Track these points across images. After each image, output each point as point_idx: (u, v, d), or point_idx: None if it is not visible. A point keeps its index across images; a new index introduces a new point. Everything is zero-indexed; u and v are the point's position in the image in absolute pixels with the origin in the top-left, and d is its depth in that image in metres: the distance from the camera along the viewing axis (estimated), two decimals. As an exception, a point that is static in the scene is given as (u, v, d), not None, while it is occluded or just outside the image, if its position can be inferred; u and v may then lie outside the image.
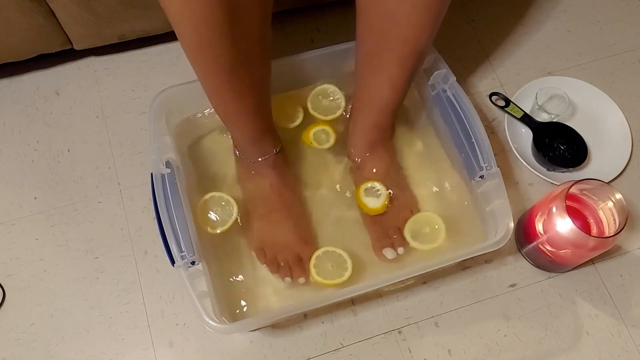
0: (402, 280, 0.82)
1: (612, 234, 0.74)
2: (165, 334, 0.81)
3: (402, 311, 0.82)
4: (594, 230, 0.79)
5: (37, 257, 0.85)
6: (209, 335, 0.80)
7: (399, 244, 0.82)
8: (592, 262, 0.86)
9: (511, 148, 0.91)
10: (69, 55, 0.97)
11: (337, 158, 0.89)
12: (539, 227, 0.79)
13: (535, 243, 0.81)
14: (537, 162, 0.91)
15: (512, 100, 0.94)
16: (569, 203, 0.80)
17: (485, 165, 0.77)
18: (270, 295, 0.81)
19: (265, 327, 0.81)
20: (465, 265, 0.85)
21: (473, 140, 0.78)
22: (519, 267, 0.86)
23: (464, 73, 0.99)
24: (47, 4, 0.81)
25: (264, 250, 0.81)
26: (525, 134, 0.93)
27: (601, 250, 0.77)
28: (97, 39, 0.91)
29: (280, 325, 0.81)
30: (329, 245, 0.81)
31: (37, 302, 0.82)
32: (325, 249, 0.80)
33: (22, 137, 0.92)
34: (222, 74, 0.64)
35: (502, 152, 0.93)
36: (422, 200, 0.87)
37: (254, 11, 0.59)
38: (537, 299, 0.84)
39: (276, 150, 0.82)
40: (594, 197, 0.79)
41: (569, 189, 0.74)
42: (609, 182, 0.88)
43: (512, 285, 0.84)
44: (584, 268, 0.86)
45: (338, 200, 0.87)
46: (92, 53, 0.98)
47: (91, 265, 0.84)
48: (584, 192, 0.79)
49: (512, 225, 0.73)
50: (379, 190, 0.84)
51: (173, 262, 0.69)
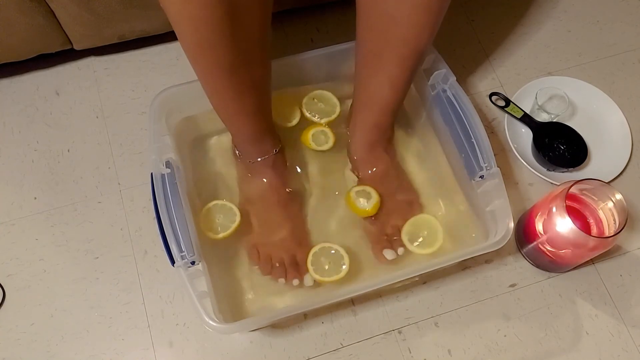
0: (402, 280, 0.82)
1: (612, 234, 0.74)
2: (165, 334, 0.81)
3: (402, 311, 0.82)
4: (594, 230, 0.79)
5: (37, 257, 0.85)
6: (209, 335, 0.80)
7: (399, 244, 0.82)
8: (592, 262, 0.86)
9: (511, 148, 0.91)
10: (69, 55, 0.97)
11: (336, 158, 0.89)
12: (539, 227, 0.79)
13: (535, 243, 0.81)
14: (537, 162, 0.91)
15: (512, 100, 0.94)
16: (569, 203, 0.80)
17: (485, 165, 0.77)
18: (270, 296, 0.81)
19: (265, 327, 0.81)
20: (465, 265, 0.85)
21: (473, 140, 0.78)
22: (519, 267, 0.86)
23: (464, 73, 0.99)
24: (47, 4, 0.81)
25: (257, 250, 0.81)
26: (525, 134, 0.93)
27: (601, 250, 0.77)
28: (97, 39, 0.91)
29: (280, 325, 0.81)
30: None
31: (37, 302, 0.82)
32: (321, 245, 0.80)
33: (22, 137, 0.92)
34: (222, 74, 0.64)
35: (502, 152, 0.93)
36: (422, 200, 0.87)
37: (254, 11, 0.59)
38: (537, 299, 0.84)
39: (276, 151, 0.82)
40: (594, 197, 0.79)
41: (569, 189, 0.74)
42: (609, 182, 0.88)
43: (512, 285, 0.84)
44: (584, 268, 0.86)
45: (337, 201, 0.87)
46: (92, 53, 0.98)
47: (91, 265, 0.84)
48: (584, 192, 0.79)
49: (512, 225, 0.73)
50: (369, 192, 0.84)
51: (173, 262, 0.69)
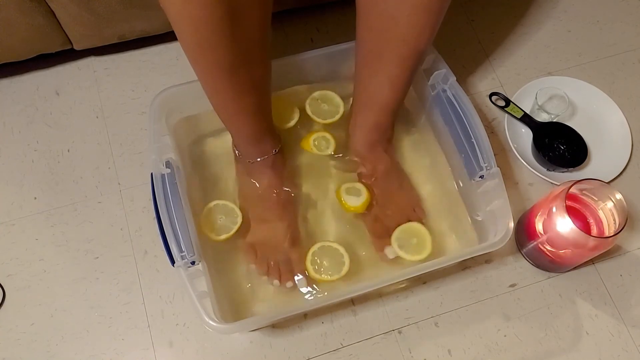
0: (402, 280, 0.82)
1: (612, 234, 0.74)
2: (165, 334, 0.81)
3: (402, 311, 0.82)
4: (594, 230, 0.79)
5: (37, 257, 0.85)
6: (209, 335, 0.80)
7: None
8: (592, 262, 0.86)
9: (511, 148, 0.91)
10: (69, 55, 0.97)
11: (336, 158, 0.89)
12: (539, 227, 0.79)
13: (535, 243, 0.81)
14: (537, 162, 0.91)
15: (512, 100, 0.94)
16: (569, 203, 0.80)
17: (485, 165, 0.77)
18: (271, 295, 0.81)
19: (265, 327, 0.81)
20: (465, 265, 0.85)
21: (473, 140, 0.78)
22: (519, 267, 0.86)
23: (464, 73, 0.99)
24: (47, 4, 0.81)
25: (254, 250, 0.81)
26: (525, 134, 0.93)
27: (601, 250, 0.77)
28: (97, 39, 0.91)
29: (280, 325, 0.81)
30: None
31: (37, 302, 0.82)
32: (320, 244, 0.80)
33: (22, 137, 0.92)
34: (222, 74, 0.63)
35: (502, 152, 0.93)
36: (421, 199, 0.87)
37: (254, 11, 0.58)
38: (537, 299, 0.84)
39: (275, 151, 0.82)
40: (594, 197, 0.79)
41: (569, 189, 0.74)
42: (609, 182, 0.88)
43: (512, 285, 0.84)
44: (584, 268, 0.86)
45: (337, 202, 0.87)
46: (92, 53, 0.98)
47: (91, 265, 0.84)
48: (584, 192, 0.79)
49: (512, 225, 0.73)
50: (359, 189, 0.84)
51: (173, 262, 0.69)
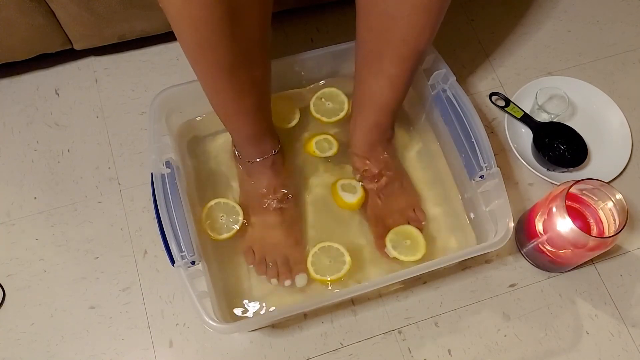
0: (402, 280, 0.82)
1: (612, 234, 0.74)
2: (165, 334, 0.81)
3: (402, 311, 0.82)
4: (594, 230, 0.79)
5: (37, 257, 0.85)
6: (209, 335, 0.80)
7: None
8: (592, 262, 0.86)
9: (511, 148, 0.91)
10: (69, 55, 0.97)
11: (336, 159, 0.89)
12: (539, 227, 0.79)
13: (535, 243, 0.81)
14: (537, 162, 0.91)
15: (512, 100, 0.94)
16: (569, 203, 0.80)
17: (485, 165, 0.77)
18: (270, 295, 0.81)
19: (265, 327, 0.81)
20: (465, 265, 0.85)
21: (473, 140, 0.78)
22: (519, 267, 0.86)
23: (464, 73, 0.99)
24: (47, 4, 0.81)
25: (253, 251, 0.81)
26: (525, 134, 0.93)
27: (601, 250, 0.77)
28: (97, 39, 0.91)
29: (280, 325, 0.81)
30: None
31: (37, 302, 0.82)
32: (321, 244, 0.80)
33: (22, 137, 0.92)
34: (222, 74, 0.63)
35: (502, 152, 0.93)
36: (422, 200, 0.87)
37: (254, 11, 0.58)
38: (537, 299, 0.84)
39: (275, 151, 0.82)
40: (594, 197, 0.79)
41: (569, 189, 0.74)
42: (609, 182, 0.88)
43: (512, 285, 0.84)
44: (584, 268, 0.86)
45: (332, 195, 0.87)
46: (92, 53, 0.98)
47: (91, 265, 0.84)
48: (584, 192, 0.79)
49: (512, 225, 0.73)
50: (355, 186, 0.84)
51: (173, 262, 0.69)
